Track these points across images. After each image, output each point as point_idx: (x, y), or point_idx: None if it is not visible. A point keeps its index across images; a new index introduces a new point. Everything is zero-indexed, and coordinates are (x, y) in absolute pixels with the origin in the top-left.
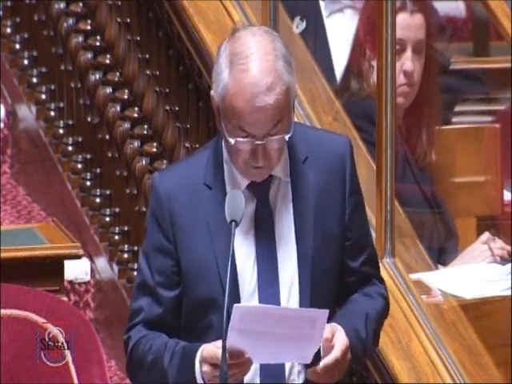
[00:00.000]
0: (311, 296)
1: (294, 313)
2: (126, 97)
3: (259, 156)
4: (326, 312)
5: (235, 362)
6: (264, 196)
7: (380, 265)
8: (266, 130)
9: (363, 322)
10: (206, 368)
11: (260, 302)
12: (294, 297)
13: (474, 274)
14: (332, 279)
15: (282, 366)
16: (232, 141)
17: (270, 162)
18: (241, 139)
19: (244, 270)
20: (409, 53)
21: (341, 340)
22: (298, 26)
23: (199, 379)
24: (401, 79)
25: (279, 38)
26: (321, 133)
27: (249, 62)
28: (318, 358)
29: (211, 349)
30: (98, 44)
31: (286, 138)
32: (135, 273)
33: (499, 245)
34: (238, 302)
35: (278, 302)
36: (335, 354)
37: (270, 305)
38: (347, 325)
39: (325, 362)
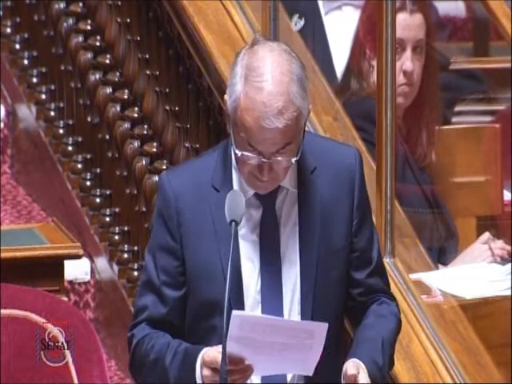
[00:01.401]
0: (313, 306)
1: (292, 324)
2: (126, 97)
3: (264, 172)
4: (325, 325)
5: (235, 368)
6: (271, 205)
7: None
8: (272, 150)
9: (380, 350)
10: (206, 372)
11: (263, 308)
12: (297, 306)
13: (474, 274)
14: (336, 291)
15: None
16: (239, 153)
17: (276, 178)
18: (247, 153)
19: (248, 277)
20: (408, 52)
21: (363, 379)
22: (297, 23)
23: (199, 382)
24: (400, 79)
25: (297, 59)
26: (330, 143)
27: (263, 81)
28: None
29: (212, 353)
30: (98, 44)
31: (293, 161)
32: (135, 273)
33: (499, 245)
34: (242, 306)
35: (280, 311)
36: None
37: (269, 315)
38: (366, 357)
39: None
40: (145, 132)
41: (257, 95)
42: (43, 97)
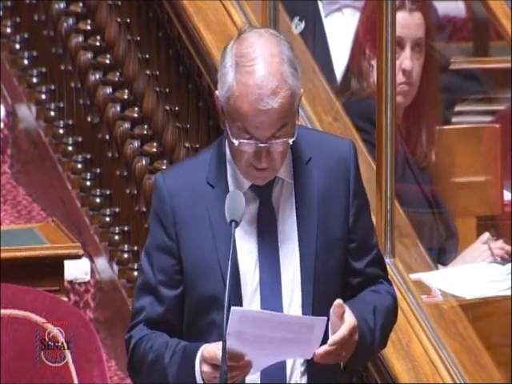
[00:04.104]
0: (313, 296)
1: (292, 319)
2: (126, 97)
3: (262, 158)
4: (324, 319)
5: (235, 364)
6: (267, 197)
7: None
8: (269, 133)
9: (372, 312)
10: (205, 368)
11: (262, 302)
12: (297, 297)
13: (474, 273)
14: (335, 281)
15: (284, 366)
16: (236, 142)
17: (273, 165)
18: (244, 141)
19: (246, 270)
20: (408, 51)
21: (349, 318)
22: (297, 26)
23: (199, 379)
24: (400, 78)
25: (285, 42)
26: (324, 135)
27: (254, 65)
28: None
29: (212, 350)
30: (98, 44)
31: (290, 142)
32: (135, 273)
33: (499, 245)
34: (240, 301)
35: (279, 302)
36: (343, 331)
37: (268, 311)
38: (356, 311)
39: (334, 338)
40: (145, 132)
41: (249, 80)
42: (43, 97)
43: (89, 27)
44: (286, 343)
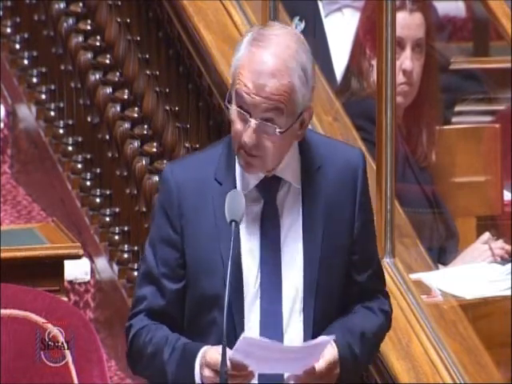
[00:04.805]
0: (315, 302)
1: (299, 349)
2: (126, 97)
3: (250, 136)
4: (331, 338)
5: (238, 374)
6: (272, 198)
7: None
8: (259, 109)
9: (359, 338)
10: (207, 373)
11: (262, 305)
12: (298, 302)
13: (474, 273)
14: (336, 290)
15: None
16: (230, 107)
17: (261, 153)
18: (237, 108)
19: (249, 270)
20: (408, 51)
21: (328, 353)
22: (297, 26)
23: (198, 380)
24: (400, 78)
25: (307, 49)
26: (335, 143)
27: (268, 43)
28: None
29: (214, 355)
30: (98, 44)
31: (277, 131)
32: (135, 273)
33: (499, 245)
34: (242, 301)
35: (280, 306)
36: (319, 365)
37: (277, 342)
38: (341, 338)
39: (307, 371)
40: (145, 132)
41: (258, 52)
42: (43, 97)
43: (89, 27)
44: (290, 362)
